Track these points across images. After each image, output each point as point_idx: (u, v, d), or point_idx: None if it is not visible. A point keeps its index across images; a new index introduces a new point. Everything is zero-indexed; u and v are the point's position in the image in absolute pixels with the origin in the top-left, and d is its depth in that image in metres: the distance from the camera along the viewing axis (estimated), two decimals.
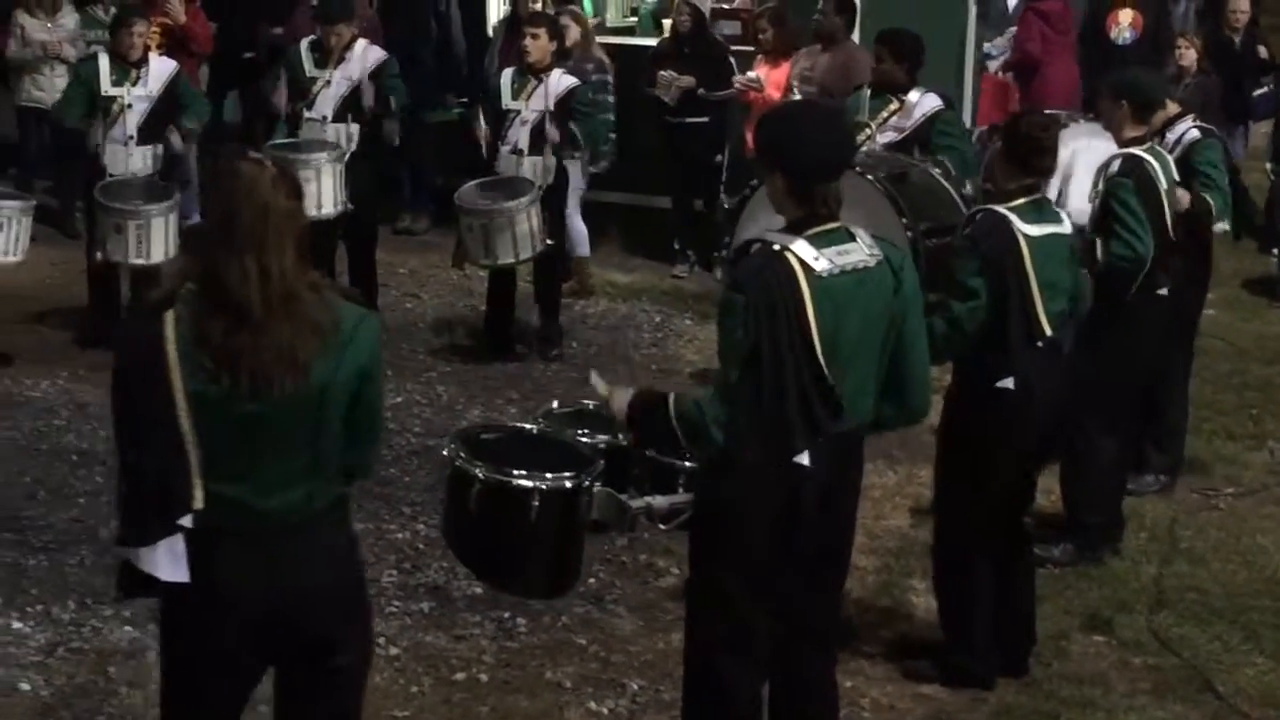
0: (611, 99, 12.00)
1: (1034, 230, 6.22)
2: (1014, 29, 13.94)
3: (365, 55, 10.81)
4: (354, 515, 4.61)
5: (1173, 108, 8.34)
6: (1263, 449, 9.33)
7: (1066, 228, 6.43)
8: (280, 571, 4.20)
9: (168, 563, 4.12)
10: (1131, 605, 7.23)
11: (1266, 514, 8.38)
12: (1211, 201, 8.05)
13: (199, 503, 4.08)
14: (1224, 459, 9.13)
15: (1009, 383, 6.18)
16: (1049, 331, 6.23)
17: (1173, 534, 8.03)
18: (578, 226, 11.88)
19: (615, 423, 5.42)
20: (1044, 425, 6.37)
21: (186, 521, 4.10)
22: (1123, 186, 7.35)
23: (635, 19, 14.76)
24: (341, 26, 10.72)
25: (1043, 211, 6.36)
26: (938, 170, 9.33)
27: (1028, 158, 6.34)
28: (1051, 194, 7.13)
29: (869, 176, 8.76)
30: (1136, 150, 7.54)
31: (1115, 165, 7.46)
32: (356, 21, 11.08)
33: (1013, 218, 6.21)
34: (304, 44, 10.94)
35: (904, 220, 8.65)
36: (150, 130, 10.50)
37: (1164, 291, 7.62)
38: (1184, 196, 7.86)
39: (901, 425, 5.41)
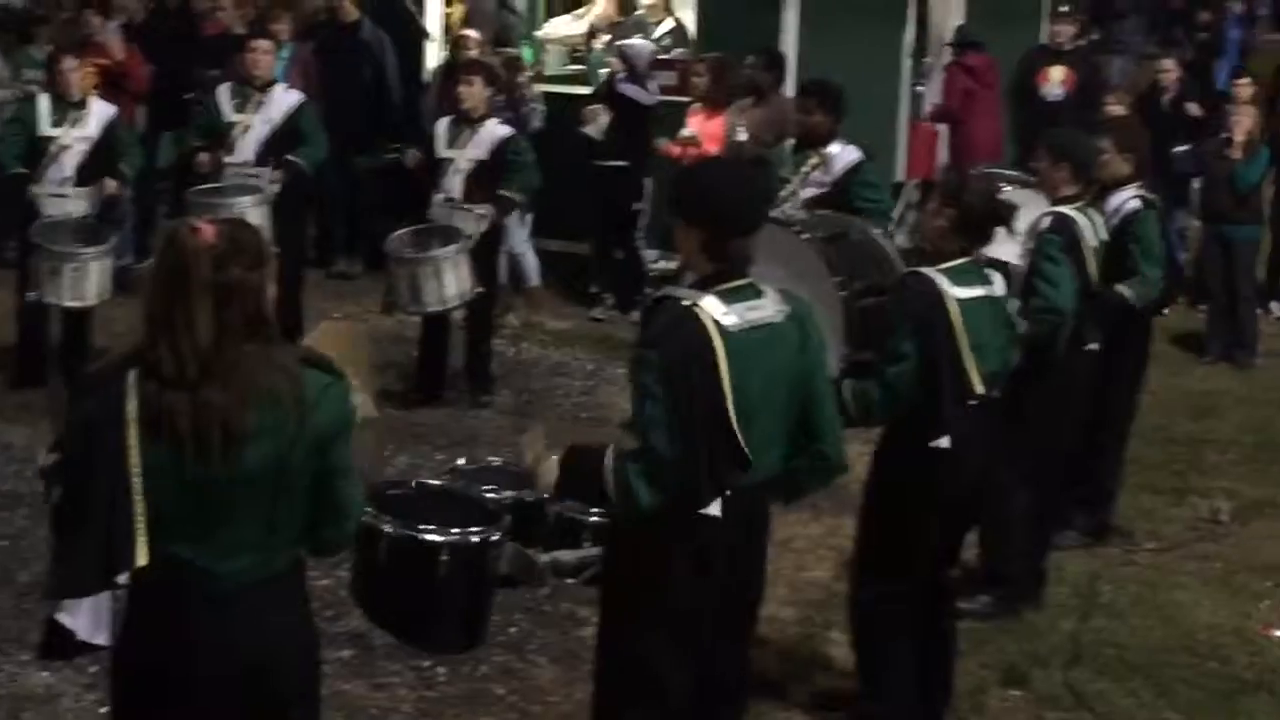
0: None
1: (963, 292, 6.18)
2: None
3: (284, 98, 10.86)
4: None
5: (1122, 169, 8.36)
6: (1186, 504, 9.39)
7: (999, 289, 6.41)
8: (234, 636, 4.17)
9: (89, 623, 4.09)
10: (1049, 660, 7.27)
11: (1186, 570, 8.43)
12: (1126, 291, 8.12)
13: (141, 560, 4.03)
14: (1147, 514, 9.19)
15: (944, 442, 6.14)
16: (980, 391, 6.20)
17: (1093, 588, 8.08)
18: (530, 258, 12.41)
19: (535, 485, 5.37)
20: (975, 484, 6.38)
21: (123, 579, 4.06)
22: (1051, 243, 7.37)
23: (575, 67, 14.84)
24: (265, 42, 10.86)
25: (974, 273, 6.32)
26: (878, 230, 9.37)
27: (979, 226, 6.30)
28: None
29: (805, 236, 8.79)
30: (1065, 209, 7.58)
31: (1045, 222, 7.50)
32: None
33: (941, 280, 6.18)
34: (222, 89, 11.01)
35: (837, 280, 8.68)
36: (88, 172, 10.48)
37: (1094, 347, 7.67)
38: None
39: (823, 480, 5.38)
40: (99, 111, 10.64)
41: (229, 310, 4.03)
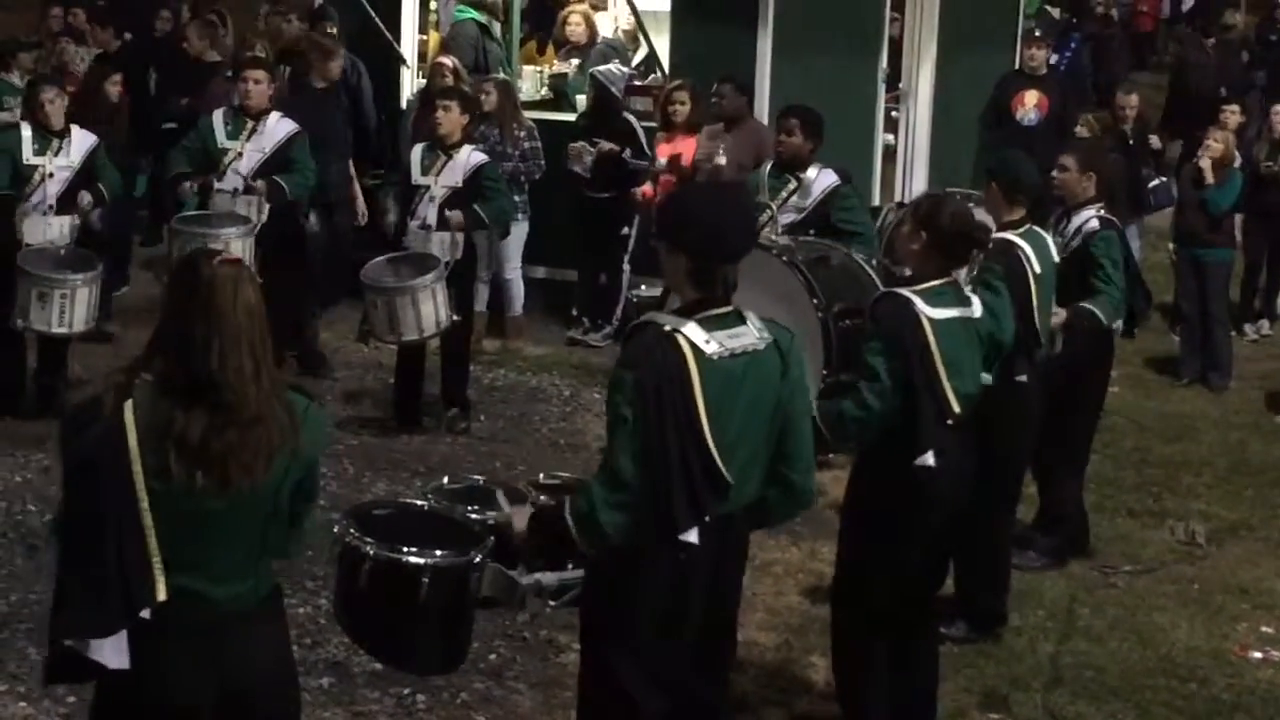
0: (542, 163, 12.22)
1: (938, 313, 6.19)
2: None
3: (277, 128, 10.85)
4: None
5: (1086, 190, 8.39)
6: (1162, 527, 9.41)
7: (976, 311, 6.40)
8: (226, 660, 4.22)
9: (114, 651, 4.11)
10: (1028, 683, 7.28)
11: (1164, 592, 8.45)
12: (1096, 310, 8.15)
13: (161, 595, 4.08)
14: (1124, 537, 9.21)
15: (929, 459, 6.13)
16: (958, 410, 6.21)
17: (1071, 612, 8.10)
18: (516, 285, 12.43)
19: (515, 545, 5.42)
20: (956, 503, 6.35)
21: (146, 614, 4.09)
22: (990, 270, 7.22)
23: (549, 94, 14.85)
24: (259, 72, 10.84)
25: (951, 294, 6.32)
26: (859, 254, 9.42)
27: (955, 248, 6.32)
28: None
29: (784, 259, 8.85)
30: (1009, 235, 7.52)
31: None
32: (271, 87, 11.07)
33: (916, 300, 6.19)
34: (217, 115, 10.97)
35: (815, 301, 8.74)
36: (69, 200, 10.44)
37: (1023, 378, 7.49)
38: (1059, 315, 7.96)
39: (790, 511, 5.41)
40: (80, 140, 10.59)
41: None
